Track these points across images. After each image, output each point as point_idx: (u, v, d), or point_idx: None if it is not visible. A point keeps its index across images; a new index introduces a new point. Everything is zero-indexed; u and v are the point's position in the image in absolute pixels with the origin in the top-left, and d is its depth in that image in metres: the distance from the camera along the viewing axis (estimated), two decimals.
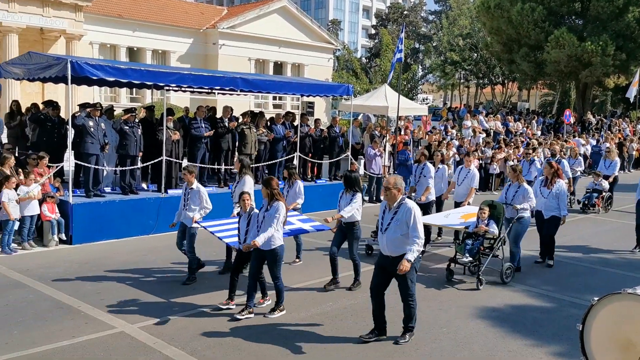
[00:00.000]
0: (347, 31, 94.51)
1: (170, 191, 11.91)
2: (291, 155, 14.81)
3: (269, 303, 7.45)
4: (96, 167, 11.24)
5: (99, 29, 28.35)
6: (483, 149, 19.25)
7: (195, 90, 12.56)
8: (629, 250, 11.28)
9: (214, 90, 13.05)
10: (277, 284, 7.18)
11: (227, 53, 32.99)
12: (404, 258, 6.21)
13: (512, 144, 21.13)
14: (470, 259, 8.73)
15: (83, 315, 7.11)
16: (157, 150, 11.97)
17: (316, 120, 16.46)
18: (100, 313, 7.17)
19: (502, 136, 24.42)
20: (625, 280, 9.15)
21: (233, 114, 14.10)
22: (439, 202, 11.56)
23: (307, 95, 15.02)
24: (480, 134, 22.62)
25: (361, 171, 16.79)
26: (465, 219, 9.64)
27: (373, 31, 74.72)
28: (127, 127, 11.78)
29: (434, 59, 55.28)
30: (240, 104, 21.82)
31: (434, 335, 6.86)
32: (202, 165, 13.03)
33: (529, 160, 15.49)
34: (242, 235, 7.38)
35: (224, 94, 14.40)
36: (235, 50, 33.31)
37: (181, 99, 26.17)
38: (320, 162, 15.92)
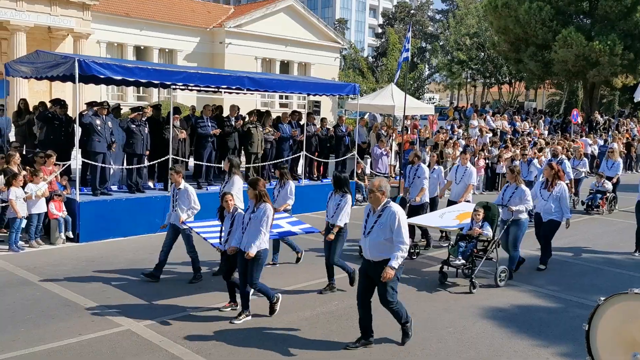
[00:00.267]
0: (354, 30, 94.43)
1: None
2: (297, 155, 14.83)
3: (237, 309, 7.19)
4: (103, 166, 11.28)
5: (106, 28, 28.44)
6: (490, 149, 19.21)
7: (202, 89, 12.60)
8: (631, 253, 11.18)
9: (220, 89, 13.09)
10: (256, 289, 6.92)
11: (234, 52, 33.02)
12: (387, 265, 5.97)
13: (519, 143, 21.07)
14: (463, 261, 8.52)
15: (90, 313, 7.14)
16: (164, 149, 12.00)
17: (322, 120, 16.47)
18: (107, 311, 7.20)
19: (509, 136, 24.37)
20: (632, 281, 9.13)
21: (240, 113, 14.12)
22: (433, 203, 11.33)
23: (314, 95, 15.03)
24: (487, 133, 22.56)
25: (367, 170, 16.78)
26: (460, 220, 9.41)
27: (380, 30, 74.66)
28: (134, 126, 11.81)
29: (440, 58, 55.18)
30: (247, 103, 21.86)
31: (439, 335, 6.85)
32: (209, 164, 13.07)
33: (526, 161, 15.16)
34: (225, 236, 7.26)
35: (230, 93, 14.43)
36: (241, 49, 33.34)
37: (188, 98, 26.24)
38: (327, 162, 15.93)
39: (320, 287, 8.28)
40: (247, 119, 14.21)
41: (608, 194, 15.47)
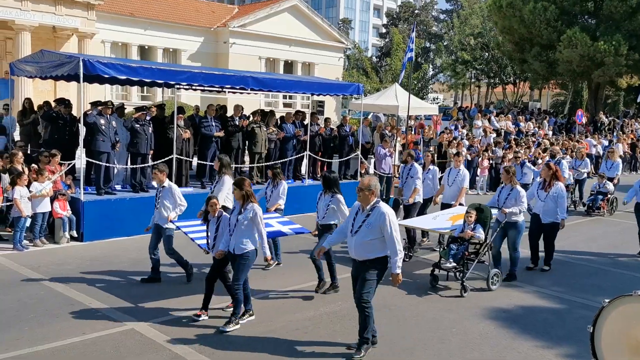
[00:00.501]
0: (358, 30, 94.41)
1: (180, 189, 11.91)
2: (301, 154, 14.82)
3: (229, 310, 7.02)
4: (107, 165, 11.30)
5: (110, 28, 28.47)
6: (494, 149, 19.18)
7: (205, 88, 12.59)
8: (635, 255, 11.12)
9: (224, 89, 13.08)
10: (237, 291, 6.70)
11: (238, 52, 33.02)
12: (392, 273, 5.99)
13: (523, 144, 21.03)
14: (455, 264, 8.33)
15: (93, 312, 7.15)
16: (168, 149, 12.00)
17: (326, 119, 16.46)
18: (111, 310, 7.22)
19: (513, 136, 24.33)
20: (636, 282, 9.11)
21: (243, 113, 14.13)
22: (424, 205, 10.95)
23: (318, 94, 15.01)
24: (491, 133, 22.52)
25: (371, 170, 16.76)
26: (453, 221, 9.25)
27: (384, 30, 74.64)
28: (138, 125, 11.83)
29: (444, 58, 55.07)
30: (251, 102, 21.88)
31: (442, 335, 6.84)
32: (213, 164, 13.05)
33: (519, 163, 14.81)
34: (211, 241, 7.15)
35: (234, 92, 14.43)
36: (245, 49, 33.34)
37: (192, 98, 26.17)
38: (330, 161, 15.92)
39: (324, 288, 8.26)
40: (251, 118, 14.22)
41: (609, 195, 15.30)
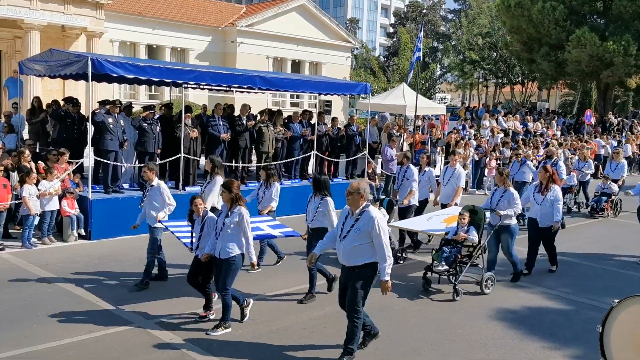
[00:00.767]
0: (366, 30, 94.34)
1: (187, 188, 11.98)
2: (308, 154, 14.82)
3: (212, 317, 6.92)
4: (115, 164, 11.34)
5: (119, 27, 28.55)
6: (501, 149, 19.10)
7: (213, 88, 12.61)
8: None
9: (232, 88, 13.11)
10: (225, 296, 6.56)
11: (245, 51, 33.05)
12: (380, 280, 5.74)
13: (532, 144, 20.93)
14: (447, 267, 8.14)
15: (101, 310, 7.18)
16: (176, 148, 12.03)
17: (333, 119, 16.45)
18: (118, 308, 7.24)
19: (521, 136, 24.22)
20: None
21: (251, 112, 14.14)
22: (421, 206, 10.85)
23: (325, 94, 15.01)
24: (499, 134, 22.43)
25: (378, 170, 16.74)
26: (448, 223, 9.08)
27: (391, 30, 74.51)
28: (146, 124, 11.87)
29: (452, 58, 54.90)
30: (258, 102, 21.91)
31: (449, 336, 6.82)
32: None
33: (519, 161, 14.29)
34: (196, 241, 7.04)
35: (242, 92, 14.45)
36: (253, 48, 33.36)
37: (199, 97, 26.20)
38: (337, 161, 15.92)
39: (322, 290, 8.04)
40: (259, 118, 14.23)
41: (614, 197, 15.06)
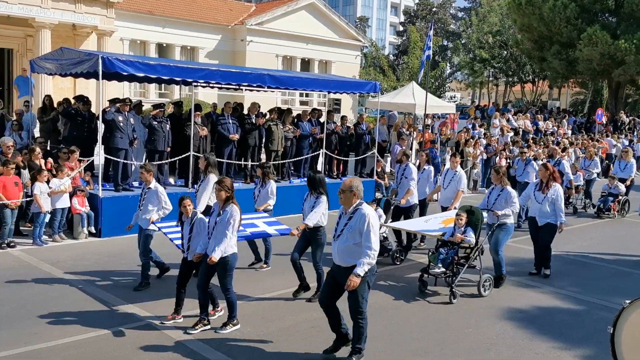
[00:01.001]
0: (375, 28, 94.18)
1: (197, 186, 11.98)
2: (317, 152, 14.82)
3: (220, 314, 6.89)
4: (125, 162, 11.39)
5: (129, 25, 28.68)
6: (511, 148, 19.01)
7: (223, 86, 12.64)
8: None
9: (241, 87, 13.13)
10: (228, 296, 6.53)
11: (255, 49, 33.09)
12: (353, 272, 5.56)
13: (542, 143, 20.81)
14: (444, 269, 7.98)
15: (112, 307, 7.22)
16: (185, 146, 12.07)
17: (343, 117, 16.44)
18: (128, 305, 7.28)
19: (531, 135, 24.09)
20: None
21: (260, 111, 14.16)
22: (423, 206, 10.77)
23: (334, 92, 14.99)
24: (509, 132, 22.32)
25: (387, 169, 16.72)
26: (445, 225, 8.90)
27: (401, 28, 74.29)
28: (156, 123, 11.92)
29: (462, 57, 54.66)
30: (268, 100, 21.92)
31: (458, 336, 6.80)
32: (229, 161, 13.13)
33: (524, 160, 13.98)
34: (186, 242, 6.92)
35: (251, 90, 14.46)
36: (262, 46, 33.39)
37: (209, 95, 26.30)
38: (346, 160, 15.91)
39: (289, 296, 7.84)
40: (268, 116, 14.25)
41: (620, 197, 14.88)
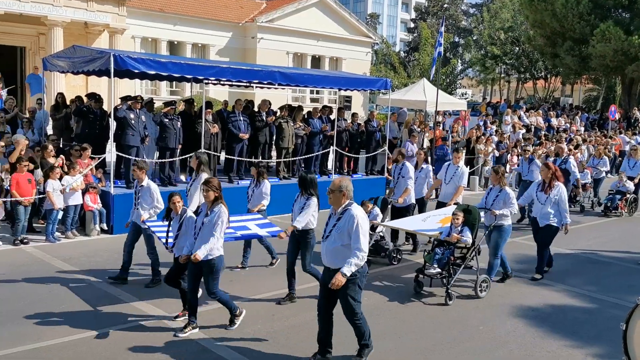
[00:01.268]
0: (386, 25, 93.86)
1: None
2: (327, 150, 14.83)
3: (183, 318, 6.70)
4: (136, 159, 11.44)
5: (141, 23, 28.82)
6: (523, 145, 18.89)
7: (233, 83, 12.69)
8: None
9: (252, 84, 13.15)
10: (217, 298, 6.47)
11: (266, 47, 33.13)
12: (339, 271, 5.44)
13: (555, 140, 20.67)
14: (439, 270, 7.80)
15: (124, 304, 7.27)
16: (196, 143, 12.12)
17: (353, 115, 16.41)
18: (141, 302, 7.32)
19: (544, 132, 23.93)
20: None
21: (271, 108, 14.18)
22: (421, 205, 10.68)
23: (345, 89, 14.97)
24: (521, 129, 22.18)
25: None
26: (443, 224, 8.66)
27: (412, 25, 74.00)
28: (167, 120, 11.97)
29: (474, 53, 54.37)
30: (278, 97, 21.92)
31: (470, 334, 6.78)
32: (240, 159, 13.16)
33: (527, 159, 13.36)
34: (172, 239, 6.90)
35: (262, 87, 14.49)
36: (273, 44, 33.42)
37: (220, 92, 26.42)
38: (357, 157, 15.89)
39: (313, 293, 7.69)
40: (279, 113, 14.26)
41: (628, 195, 14.63)
